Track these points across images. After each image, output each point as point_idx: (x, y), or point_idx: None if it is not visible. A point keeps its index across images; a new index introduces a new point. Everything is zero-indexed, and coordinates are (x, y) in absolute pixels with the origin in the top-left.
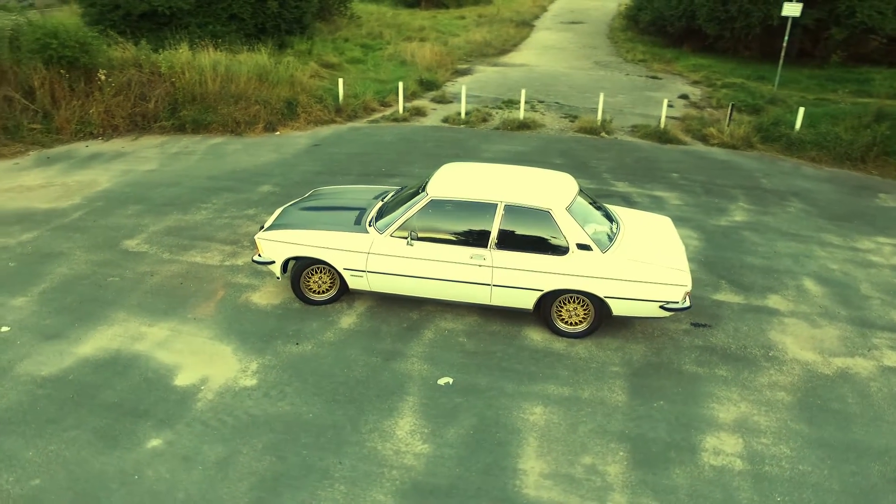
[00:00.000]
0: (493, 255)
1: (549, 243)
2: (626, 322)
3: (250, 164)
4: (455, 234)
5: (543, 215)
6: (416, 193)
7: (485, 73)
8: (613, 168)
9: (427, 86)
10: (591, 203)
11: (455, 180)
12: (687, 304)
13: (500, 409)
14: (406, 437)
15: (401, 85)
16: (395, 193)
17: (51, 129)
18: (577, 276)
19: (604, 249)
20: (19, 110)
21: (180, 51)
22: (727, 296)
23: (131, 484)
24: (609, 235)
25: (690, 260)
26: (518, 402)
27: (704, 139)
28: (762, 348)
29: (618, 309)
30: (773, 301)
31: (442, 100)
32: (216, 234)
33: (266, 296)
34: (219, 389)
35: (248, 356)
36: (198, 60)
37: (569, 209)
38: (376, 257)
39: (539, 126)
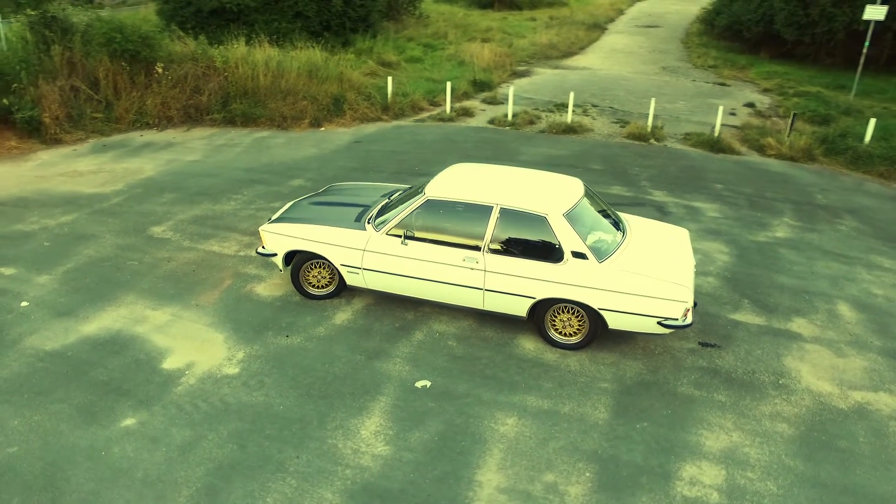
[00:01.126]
0: (486, 259)
1: (542, 250)
2: (628, 337)
3: (289, 158)
4: (449, 235)
5: (539, 220)
6: (417, 193)
7: (543, 76)
8: (654, 176)
9: (480, 87)
10: (601, 210)
11: (454, 181)
12: (687, 321)
13: (471, 416)
14: (369, 437)
15: (448, 85)
16: (403, 192)
17: (111, 119)
18: (571, 285)
19: (601, 259)
20: (83, 100)
21: (235, 46)
22: (746, 316)
23: (97, 459)
24: (611, 245)
25: (714, 275)
26: (492, 412)
27: (761, 150)
28: (773, 375)
29: (613, 322)
30: (798, 325)
31: (493, 101)
32: (238, 225)
33: (270, 287)
34: (201, 375)
35: (238, 345)
36: (252, 56)
37: (567, 215)
38: (372, 255)
39: (586, 130)
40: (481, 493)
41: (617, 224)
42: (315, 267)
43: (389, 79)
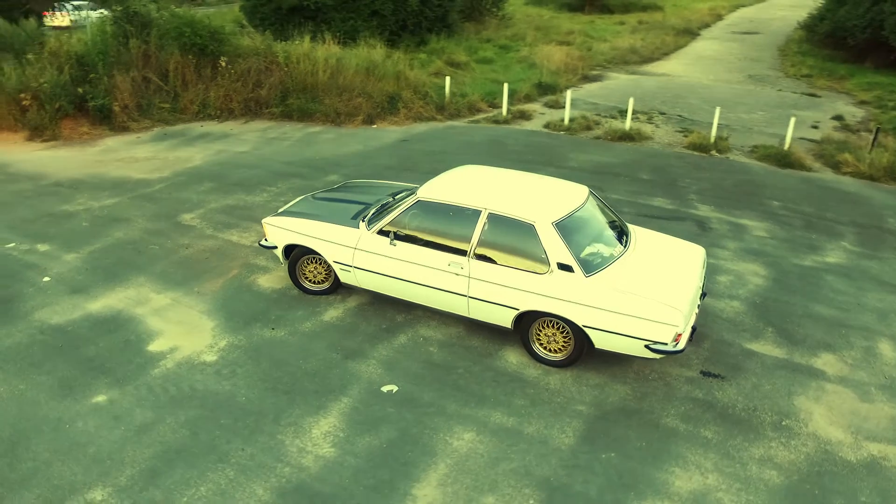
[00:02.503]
0: (471, 265)
1: (528, 259)
2: (623, 359)
3: (333, 153)
4: (437, 238)
5: (527, 228)
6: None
7: (616, 81)
8: (705, 190)
9: (545, 89)
10: (609, 221)
11: (449, 183)
12: (678, 347)
13: (427, 427)
14: (319, 437)
15: (505, 86)
16: (406, 192)
17: (176, 109)
18: (555, 298)
19: (588, 273)
20: (153, 91)
21: (297, 42)
22: (765, 346)
23: (60, 431)
24: (605, 258)
25: (741, 299)
26: (451, 424)
27: (836, 166)
28: (776, 414)
29: (599, 341)
30: (823, 361)
31: (555, 105)
32: (262, 217)
33: (272, 280)
34: (180, 360)
35: (223, 334)
36: (314, 52)
37: (558, 224)
38: (362, 253)
39: (644, 138)
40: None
41: (620, 237)
42: (311, 262)
43: (447, 79)
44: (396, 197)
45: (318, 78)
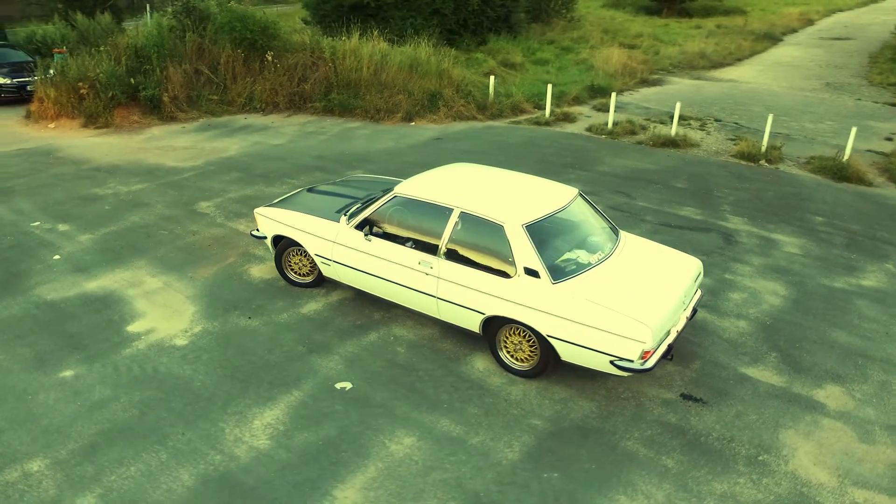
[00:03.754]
0: (440, 265)
1: (496, 262)
2: (599, 374)
3: (363, 149)
4: (410, 236)
5: (497, 229)
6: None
7: (676, 86)
8: (742, 201)
9: (597, 92)
10: (598, 226)
11: (430, 180)
12: (647, 366)
13: (370, 428)
14: (259, 428)
15: (549, 87)
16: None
17: (224, 101)
18: (520, 305)
19: (556, 279)
20: (202, 83)
21: (344, 39)
22: (762, 372)
23: (23, 401)
24: (579, 265)
25: (749, 319)
26: (395, 427)
27: None
28: (755, 448)
29: (564, 353)
30: (827, 394)
31: (604, 108)
32: None
33: (264, 270)
34: (153, 342)
35: (201, 319)
36: (362, 49)
37: (529, 227)
38: (341, 248)
39: (690, 145)
40: None
41: (606, 244)
42: (297, 254)
43: (491, 78)
44: (384, 192)
45: (361, 74)
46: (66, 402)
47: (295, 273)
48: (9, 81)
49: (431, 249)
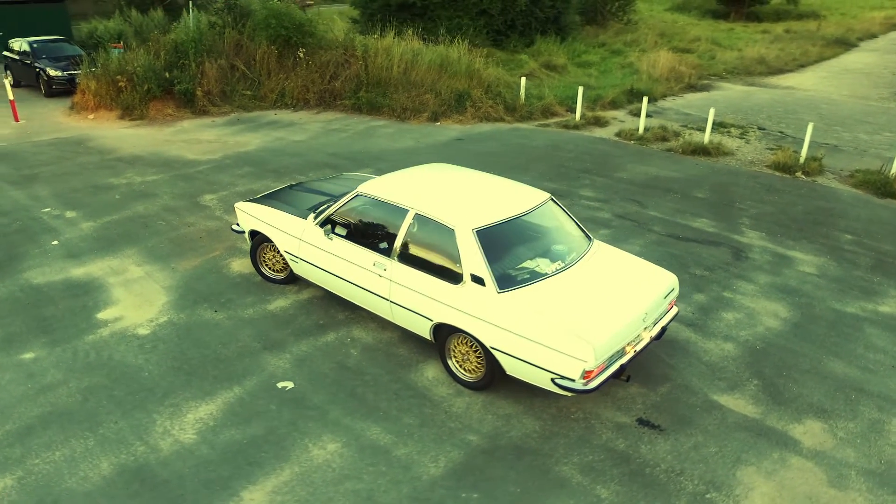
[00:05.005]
0: (394, 268)
1: (446, 267)
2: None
3: (381, 148)
4: (368, 236)
5: (448, 233)
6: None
7: (725, 92)
8: (764, 215)
9: (637, 96)
10: (567, 234)
11: (395, 179)
12: (589, 386)
13: (298, 430)
14: (189, 422)
15: (580, 90)
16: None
17: (257, 97)
18: (465, 313)
19: (502, 288)
20: (237, 78)
21: (376, 37)
22: (737, 401)
23: None
24: (534, 275)
25: (737, 342)
26: (323, 432)
27: None
28: (704, 484)
29: (508, 366)
30: (805, 430)
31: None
32: None
33: (245, 265)
34: (117, 330)
35: (169, 310)
36: (394, 47)
37: (481, 231)
38: (306, 245)
39: (723, 154)
40: None
41: (571, 252)
42: (270, 250)
43: (522, 80)
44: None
45: (392, 73)
46: (18, 383)
47: (269, 269)
48: (60, 74)
49: (386, 251)
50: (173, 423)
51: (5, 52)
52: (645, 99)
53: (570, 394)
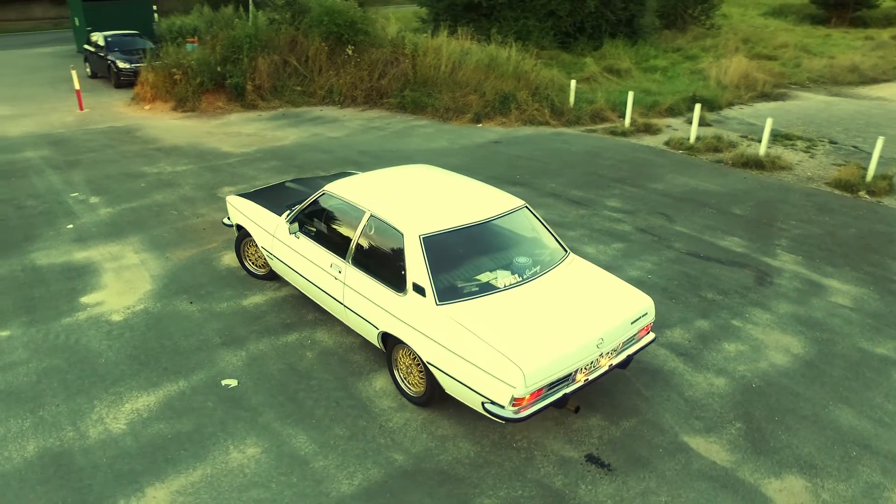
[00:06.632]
0: (347, 271)
1: (393, 274)
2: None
3: (413, 148)
4: (328, 236)
5: (398, 237)
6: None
7: (802, 102)
8: (808, 236)
9: (700, 104)
10: (538, 246)
11: (363, 180)
12: (519, 415)
13: (225, 431)
14: (125, 412)
15: (630, 95)
16: None
17: (307, 92)
18: (406, 323)
19: (442, 300)
20: (288, 74)
21: (426, 36)
22: (709, 445)
23: None
24: (482, 287)
25: (732, 378)
26: (248, 435)
27: None
28: None
29: (445, 384)
30: (782, 486)
31: (702, 121)
32: None
33: (235, 259)
34: (93, 315)
35: (148, 299)
36: (443, 46)
37: (429, 238)
38: (278, 242)
39: (779, 168)
40: None
41: (533, 266)
42: (252, 245)
43: (573, 83)
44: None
45: (439, 72)
46: None
47: (252, 264)
48: (128, 66)
49: (342, 253)
50: (109, 412)
51: (86, 46)
52: (698, 106)
53: (500, 421)
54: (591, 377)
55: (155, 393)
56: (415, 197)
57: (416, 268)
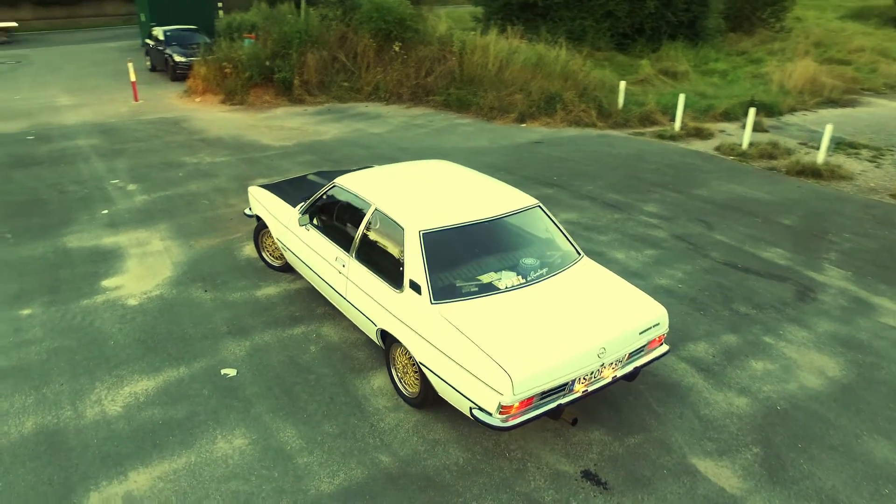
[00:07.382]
0: (350, 265)
1: (393, 270)
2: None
3: (451, 145)
4: (336, 229)
5: (399, 233)
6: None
7: (872, 109)
8: (859, 251)
9: (758, 109)
10: (549, 247)
11: (374, 174)
12: (506, 424)
13: (216, 420)
14: (123, 395)
15: (681, 98)
16: None
17: (353, 88)
18: (401, 321)
19: (437, 299)
20: (337, 70)
21: (474, 34)
22: (720, 469)
23: None
24: (483, 288)
25: (755, 398)
26: (238, 425)
27: None
28: None
29: (437, 386)
30: None
31: (758, 126)
32: None
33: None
34: (111, 298)
35: (165, 285)
36: (491, 45)
37: (428, 234)
38: (290, 234)
39: (839, 178)
40: (121, 487)
41: (540, 268)
42: (269, 236)
43: (622, 84)
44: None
45: (486, 71)
46: (2, 336)
47: (269, 255)
48: (184, 60)
49: (347, 247)
50: (108, 394)
51: (147, 40)
52: (752, 110)
53: (488, 428)
54: (591, 388)
55: (155, 378)
56: (423, 192)
57: (414, 264)
